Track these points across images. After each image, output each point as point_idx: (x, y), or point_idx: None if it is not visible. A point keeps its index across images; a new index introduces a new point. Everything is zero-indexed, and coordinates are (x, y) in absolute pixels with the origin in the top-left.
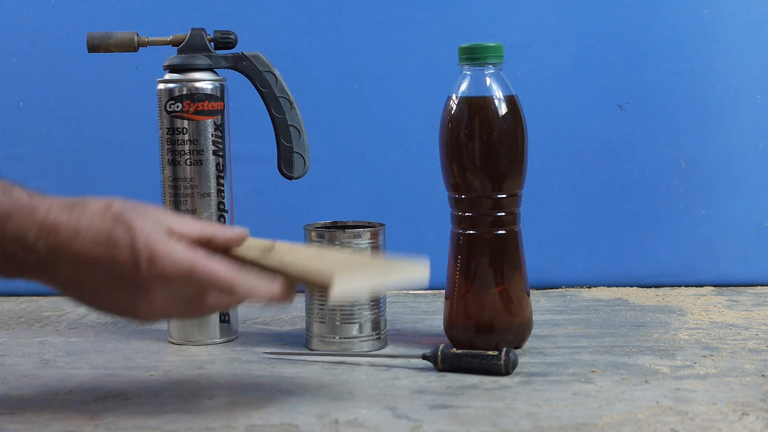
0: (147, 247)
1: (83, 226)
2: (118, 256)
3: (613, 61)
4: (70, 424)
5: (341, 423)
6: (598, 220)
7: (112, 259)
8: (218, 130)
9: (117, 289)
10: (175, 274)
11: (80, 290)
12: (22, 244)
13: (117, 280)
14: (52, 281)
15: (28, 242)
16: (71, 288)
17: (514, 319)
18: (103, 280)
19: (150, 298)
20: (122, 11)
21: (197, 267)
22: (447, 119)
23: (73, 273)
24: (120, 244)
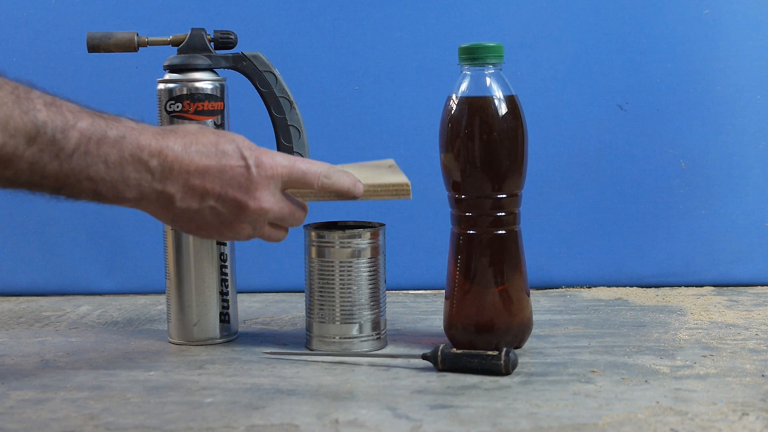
0: (252, 153)
1: (190, 141)
2: (230, 161)
3: (613, 61)
4: (70, 424)
5: (341, 423)
6: (598, 220)
7: (224, 164)
8: None
9: (228, 194)
10: (280, 172)
11: (189, 206)
12: (137, 163)
13: (229, 184)
14: (163, 202)
15: (143, 160)
16: (182, 204)
17: (514, 319)
18: (214, 188)
19: (259, 197)
20: (122, 11)
21: (296, 165)
22: (447, 119)
23: (184, 187)
24: (228, 152)
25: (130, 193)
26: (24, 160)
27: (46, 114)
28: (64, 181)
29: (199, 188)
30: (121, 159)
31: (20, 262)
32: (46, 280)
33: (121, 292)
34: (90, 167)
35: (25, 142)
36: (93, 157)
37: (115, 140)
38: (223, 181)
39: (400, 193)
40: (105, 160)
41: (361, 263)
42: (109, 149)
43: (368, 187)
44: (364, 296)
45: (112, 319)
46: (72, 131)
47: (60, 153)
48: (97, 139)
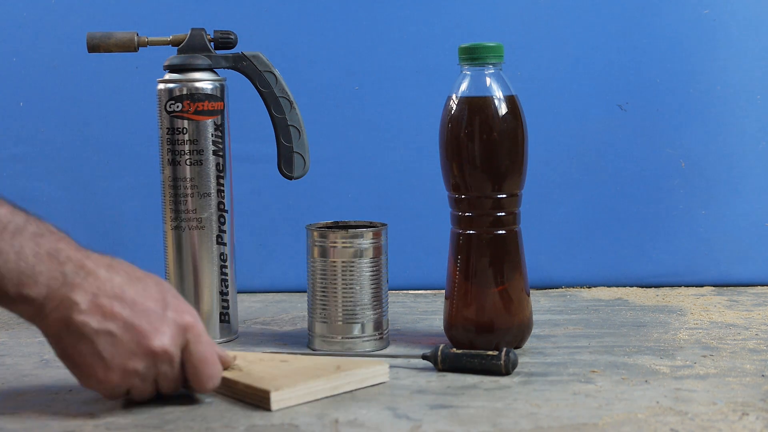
0: (174, 300)
1: (114, 266)
2: (148, 297)
3: (613, 61)
4: (70, 424)
5: (341, 423)
6: (598, 220)
7: (141, 297)
8: (218, 130)
9: (135, 324)
10: (189, 323)
11: (87, 323)
12: (52, 262)
13: (139, 316)
14: (63, 311)
15: (59, 261)
16: (80, 318)
17: (514, 319)
18: (122, 313)
19: (164, 340)
20: (122, 11)
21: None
22: (447, 119)
23: (91, 302)
24: (150, 286)
25: (35, 290)
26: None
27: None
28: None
29: (106, 309)
30: (36, 254)
31: None
32: None
33: None
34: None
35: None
36: (4, 244)
37: (33, 234)
38: (135, 312)
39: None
40: (18, 251)
41: (363, 263)
42: (25, 241)
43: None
44: (367, 296)
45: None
46: None
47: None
48: (14, 228)
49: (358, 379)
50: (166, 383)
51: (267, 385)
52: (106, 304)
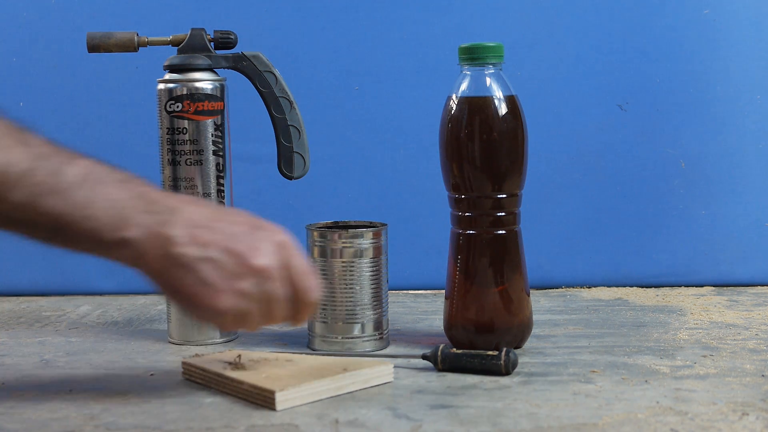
0: (260, 219)
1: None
2: (236, 221)
3: (613, 61)
4: (70, 424)
5: (341, 423)
6: (598, 220)
7: (230, 222)
8: (218, 130)
9: (234, 247)
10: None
11: (188, 253)
12: (142, 203)
13: (234, 239)
14: (161, 247)
15: (149, 201)
16: (181, 250)
17: (514, 319)
18: (218, 240)
19: (264, 258)
20: (122, 11)
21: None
22: (447, 119)
23: (187, 234)
24: (234, 213)
25: (131, 231)
26: (22, 192)
27: (48, 148)
28: (63, 219)
29: (202, 238)
30: (127, 197)
31: (20, 262)
32: (46, 280)
33: (121, 292)
34: (92, 203)
35: (19, 174)
36: (95, 193)
37: (119, 180)
38: (230, 236)
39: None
40: (108, 197)
41: (363, 263)
42: (112, 188)
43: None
44: (367, 296)
45: (112, 319)
46: (72, 167)
47: (58, 187)
48: (100, 177)
49: (363, 379)
50: (276, 305)
51: (272, 385)
52: (201, 234)
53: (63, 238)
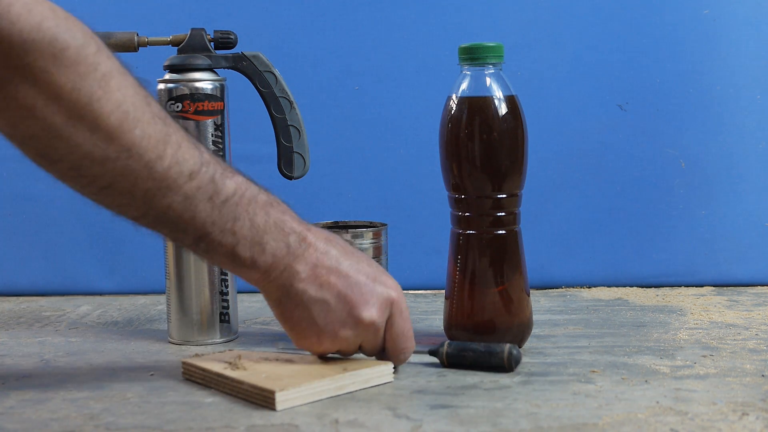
0: (384, 275)
1: (330, 239)
2: (360, 271)
3: (613, 61)
4: (70, 424)
5: (341, 423)
6: (598, 220)
7: (354, 270)
8: (218, 130)
9: (348, 295)
10: (398, 299)
11: (306, 290)
12: (278, 233)
13: (352, 288)
14: (286, 278)
15: (285, 232)
16: (300, 286)
17: (514, 319)
18: (337, 285)
19: (373, 312)
20: (122, 11)
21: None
22: (447, 119)
23: (310, 271)
24: (362, 260)
25: (263, 258)
26: (182, 192)
27: (210, 156)
28: (209, 228)
29: (323, 279)
30: (266, 223)
31: (20, 262)
32: (46, 280)
33: (121, 292)
34: (237, 221)
35: (187, 174)
36: (242, 211)
37: (264, 204)
38: (348, 284)
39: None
40: (252, 218)
41: None
42: (258, 210)
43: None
44: None
45: (112, 319)
46: (229, 180)
47: (215, 196)
48: (249, 197)
49: (363, 379)
50: (368, 348)
51: (272, 385)
52: (323, 275)
53: (205, 247)
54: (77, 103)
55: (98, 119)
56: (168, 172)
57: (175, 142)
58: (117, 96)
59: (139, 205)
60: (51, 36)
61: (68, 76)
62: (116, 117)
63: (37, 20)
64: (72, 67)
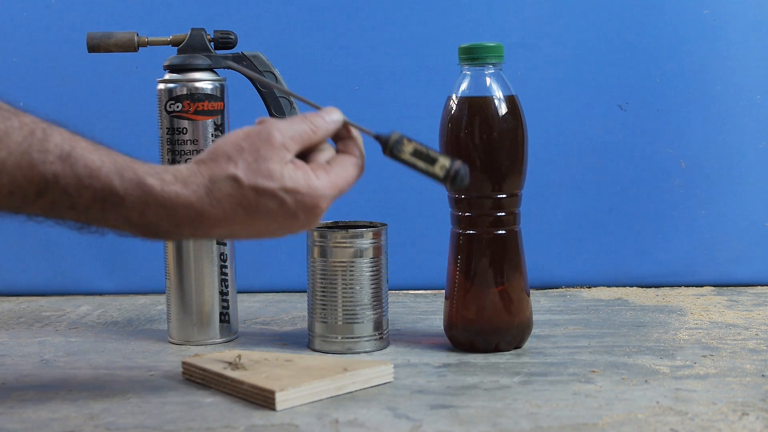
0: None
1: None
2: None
3: (613, 61)
4: (70, 424)
5: (341, 423)
6: (598, 220)
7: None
8: (218, 130)
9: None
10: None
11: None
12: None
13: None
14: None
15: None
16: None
17: (514, 319)
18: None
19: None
20: (122, 11)
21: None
22: (447, 119)
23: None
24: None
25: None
26: (36, 208)
27: (60, 167)
28: (86, 223)
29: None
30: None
31: (20, 262)
32: (46, 280)
33: (121, 292)
34: (109, 222)
35: (34, 194)
36: (111, 215)
37: (132, 204)
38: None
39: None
40: (126, 217)
41: (363, 263)
42: (128, 212)
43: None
44: (367, 296)
45: (112, 319)
46: (85, 191)
47: (75, 205)
48: (113, 202)
49: (363, 379)
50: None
51: (272, 385)
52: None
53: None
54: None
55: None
56: (10, 198)
57: (11, 167)
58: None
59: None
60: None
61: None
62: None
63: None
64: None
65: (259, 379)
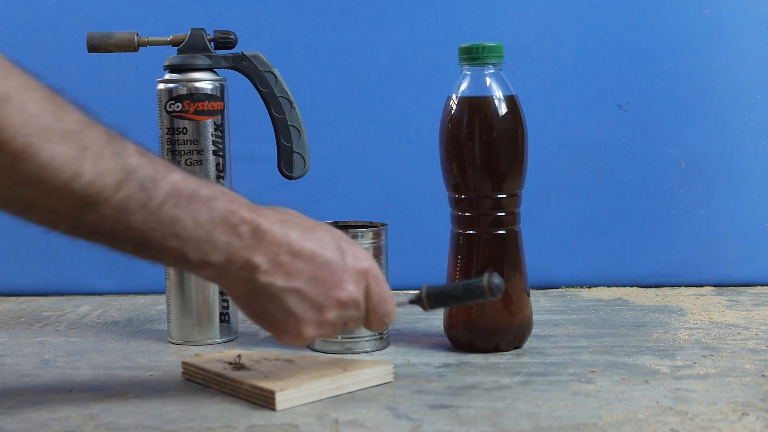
0: (349, 246)
1: (285, 219)
2: (325, 247)
3: (613, 61)
4: (70, 424)
5: (341, 423)
6: (598, 220)
7: (319, 248)
8: (218, 130)
9: (320, 278)
10: (368, 267)
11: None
12: (227, 226)
13: (321, 269)
14: (246, 274)
15: (234, 224)
16: (265, 279)
17: (514, 319)
18: (304, 269)
19: (350, 288)
20: (122, 11)
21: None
22: (447, 119)
23: (272, 261)
24: (324, 239)
25: (216, 256)
26: (110, 205)
27: (138, 160)
28: (149, 234)
29: (288, 267)
30: (212, 219)
31: (20, 262)
32: (46, 280)
33: (121, 292)
34: (177, 223)
35: (113, 185)
36: (182, 212)
37: (207, 198)
38: (316, 265)
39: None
40: (194, 217)
41: None
42: (199, 207)
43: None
44: None
45: (112, 319)
46: (162, 182)
47: (148, 203)
48: (188, 195)
49: (363, 379)
50: (353, 324)
51: (272, 385)
52: (287, 262)
53: (148, 253)
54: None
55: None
56: (90, 188)
57: (93, 155)
58: (16, 120)
59: (68, 220)
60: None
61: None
62: (19, 142)
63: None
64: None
65: (259, 379)
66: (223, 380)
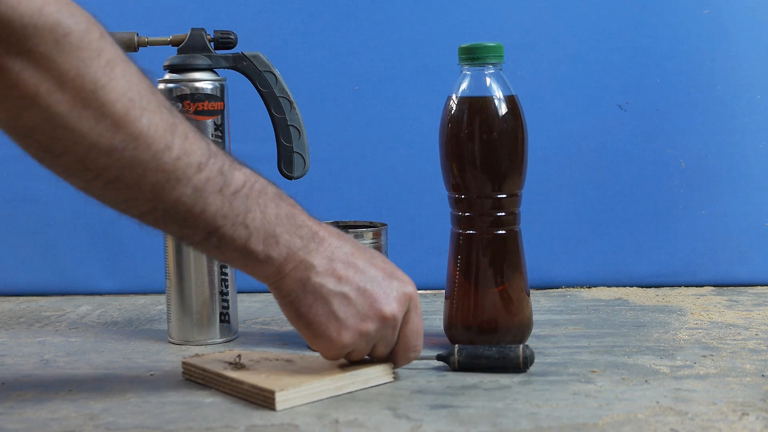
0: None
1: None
2: (376, 265)
3: (613, 61)
4: (70, 424)
5: (341, 423)
6: (598, 220)
7: (371, 265)
8: (218, 130)
9: (368, 289)
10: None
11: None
12: (290, 225)
13: (371, 282)
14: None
15: (296, 224)
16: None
17: (514, 319)
18: (355, 279)
19: (395, 307)
20: (122, 11)
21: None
22: (447, 119)
23: (327, 265)
24: (376, 256)
25: (277, 251)
26: (191, 185)
27: (217, 147)
28: (220, 221)
29: (341, 273)
30: (278, 216)
31: (20, 262)
32: (46, 280)
33: (121, 292)
34: (248, 213)
35: (196, 165)
36: (253, 203)
37: (274, 196)
38: (366, 278)
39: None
40: (263, 210)
41: None
42: (268, 202)
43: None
44: None
45: (112, 319)
46: (238, 172)
47: (224, 188)
48: (259, 188)
49: (363, 379)
50: (383, 345)
51: (272, 385)
52: (340, 269)
53: (216, 242)
54: (81, 90)
55: (104, 107)
56: (176, 163)
57: (182, 133)
58: (122, 83)
59: (147, 199)
60: (53, 21)
61: (71, 62)
62: (122, 105)
63: (38, 5)
64: (75, 53)
65: (259, 379)
66: (223, 380)
